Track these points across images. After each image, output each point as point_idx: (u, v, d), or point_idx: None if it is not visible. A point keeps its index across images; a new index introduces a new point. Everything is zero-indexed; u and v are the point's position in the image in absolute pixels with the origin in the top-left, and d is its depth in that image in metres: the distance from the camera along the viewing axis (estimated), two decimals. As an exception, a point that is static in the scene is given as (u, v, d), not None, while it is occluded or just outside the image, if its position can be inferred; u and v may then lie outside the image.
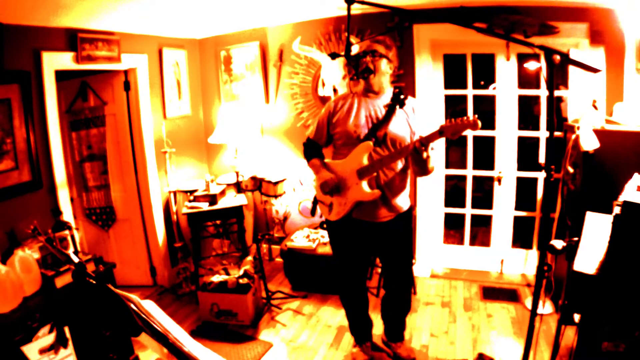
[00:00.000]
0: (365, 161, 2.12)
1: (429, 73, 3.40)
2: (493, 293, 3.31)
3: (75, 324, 2.13)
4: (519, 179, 3.51)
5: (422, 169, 2.11)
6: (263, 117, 4.02)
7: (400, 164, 2.19)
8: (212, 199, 3.38)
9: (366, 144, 2.12)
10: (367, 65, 2.12)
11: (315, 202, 2.43)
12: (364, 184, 2.13)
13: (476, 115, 1.84)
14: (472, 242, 3.87)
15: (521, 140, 3.44)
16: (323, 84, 3.67)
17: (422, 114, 2.21)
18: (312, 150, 2.40)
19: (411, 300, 2.56)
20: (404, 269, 2.43)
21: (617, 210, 1.53)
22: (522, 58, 3.26)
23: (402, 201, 2.26)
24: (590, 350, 1.66)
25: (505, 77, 3.35)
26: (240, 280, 3.09)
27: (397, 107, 2.15)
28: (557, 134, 2.86)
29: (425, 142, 1.95)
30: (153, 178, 3.60)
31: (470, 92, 3.46)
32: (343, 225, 2.29)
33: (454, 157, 4.12)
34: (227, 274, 3.32)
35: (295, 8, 3.27)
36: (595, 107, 2.73)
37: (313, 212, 2.45)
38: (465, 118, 1.85)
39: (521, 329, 2.81)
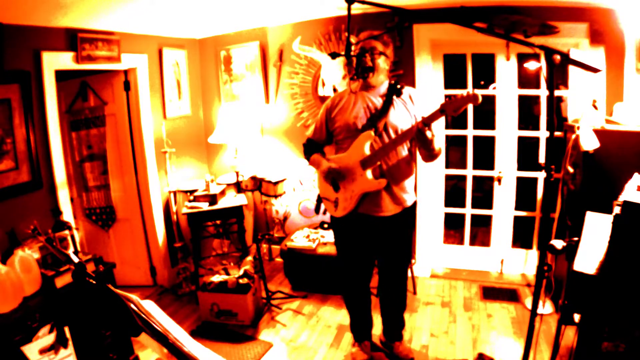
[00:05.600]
0: (367, 151, 2.13)
1: (429, 73, 3.40)
2: (493, 293, 3.31)
3: (75, 324, 2.13)
4: (519, 179, 3.50)
5: (429, 150, 2.11)
6: (263, 117, 4.02)
7: (403, 153, 2.19)
8: (212, 199, 3.37)
9: (367, 134, 2.12)
10: (366, 64, 2.13)
11: (319, 199, 2.42)
12: (369, 173, 2.13)
13: (475, 90, 1.84)
14: (472, 242, 3.87)
15: (521, 140, 3.44)
16: (323, 84, 3.67)
17: (420, 101, 2.21)
18: (312, 148, 2.41)
19: (406, 297, 2.56)
20: (400, 267, 2.44)
21: (617, 210, 1.53)
22: (522, 58, 3.25)
23: (407, 194, 2.25)
24: (590, 350, 1.66)
25: (505, 77, 3.35)
26: (240, 280, 3.09)
27: (395, 96, 2.16)
28: (557, 134, 2.85)
29: (427, 121, 1.96)
30: (153, 178, 3.60)
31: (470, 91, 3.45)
32: (348, 221, 2.28)
33: (454, 157, 4.12)
34: (227, 274, 3.31)
35: (295, 8, 3.27)
36: (595, 107, 2.73)
37: (317, 210, 2.44)
38: (465, 93, 1.85)
39: (521, 329, 2.81)
